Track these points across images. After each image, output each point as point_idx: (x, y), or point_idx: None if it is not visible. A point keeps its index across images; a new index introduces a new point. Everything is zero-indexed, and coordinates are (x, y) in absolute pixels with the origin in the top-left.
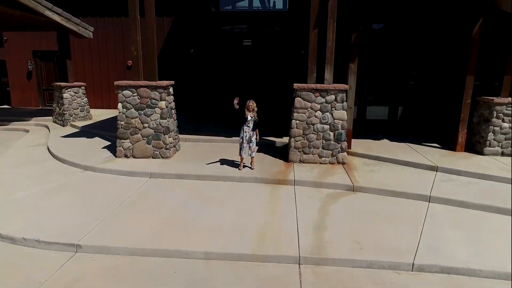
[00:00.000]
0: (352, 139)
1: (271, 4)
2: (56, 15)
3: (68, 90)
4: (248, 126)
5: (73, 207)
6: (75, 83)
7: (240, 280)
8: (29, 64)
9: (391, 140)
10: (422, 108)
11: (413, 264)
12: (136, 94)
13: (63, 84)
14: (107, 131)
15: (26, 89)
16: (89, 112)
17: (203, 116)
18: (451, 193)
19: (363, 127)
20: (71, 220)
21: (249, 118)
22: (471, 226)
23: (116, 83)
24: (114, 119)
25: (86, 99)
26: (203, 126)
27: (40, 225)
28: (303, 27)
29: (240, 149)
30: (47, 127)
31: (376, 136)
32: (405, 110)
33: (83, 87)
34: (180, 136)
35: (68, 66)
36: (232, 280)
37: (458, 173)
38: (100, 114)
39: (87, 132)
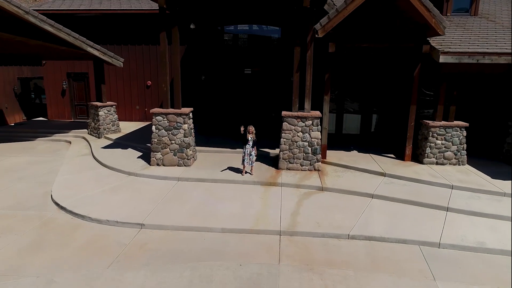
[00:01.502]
0: (328, 151)
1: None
2: (95, 51)
3: (103, 108)
4: (249, 144)
5: (131, 201)
6: (107, 102)
7: (243, 243)
8: (64, 83)
9: (359, 152)
10: (385, 126)
11: (348, 234)
12: (166, 119)
13: (99, 104)
14: (137, 143)
15: (60, 104)
16: (118, 126)
17: (212, 128)
18: (388, 192)
19: (339, 140)
20: (132, 209)
21: (249, 138)
22: (392, 213)
23: (151, 111)
24: (139, 132)
25: (116, 115)
26: (213, 138)
27: (114, 212)
28: (292, 59)
29: (243, 160)
30: (84, 138)
31: (348, 148)
32: (373, 127)
33: (114, 106)
34: (196, 147)
35: (102, 89)
36: (238, 243)
37: (399, 178)
38: (126, 127)
39: (120, 143)
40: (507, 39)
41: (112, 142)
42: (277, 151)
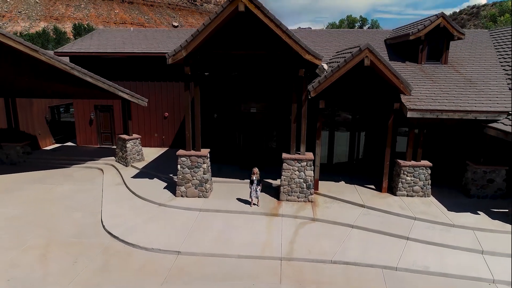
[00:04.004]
0: (320, 181)
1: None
2: (125, 94)
3: (130, 141)
4: (254, 183)
5: (166, 229)
6: (133, 135)
7: (254, 267)
8: (92, 114)
9: (346, 182)
10: (368, 158)
11: (331, 260)
12: (188, 159)
13: (126, 137)
14: (161, 173)
15: (88, 132)
16: (143, 155)
17: (223, 157)
18: (364, 223)
19: (330, 169)
20: (169, 237)
21: (254, 179)
22: (365, 241)
23: (177, 153)
24: (160, 159)
25: (141, 146)
26: (224, 166)
27: (155, 240)
28: (288, 100)
29: (250, 194)
30: (114, 166)
31: (337, 178)
32: (358, 160)
33: (139, 139)
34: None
35: (129, 124)
36: (250, 267)
37: (375, 209)
38: (147, 153)
39: (146, 173)
40: (464, 94)
41: (138, 171)
42: (278, 181)
